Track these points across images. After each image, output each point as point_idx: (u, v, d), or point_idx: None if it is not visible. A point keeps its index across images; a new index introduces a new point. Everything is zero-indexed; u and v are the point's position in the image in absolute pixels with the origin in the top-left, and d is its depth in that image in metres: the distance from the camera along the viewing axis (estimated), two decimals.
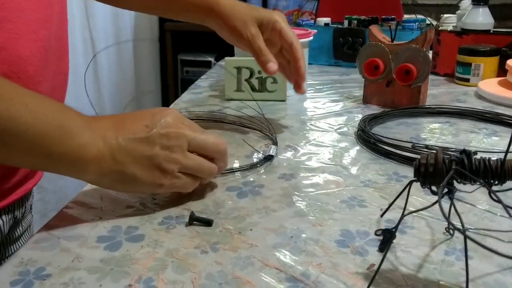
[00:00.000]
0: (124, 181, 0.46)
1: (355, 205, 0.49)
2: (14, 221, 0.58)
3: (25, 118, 0.40)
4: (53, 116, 0.42)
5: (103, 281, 0.37)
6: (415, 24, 1.13)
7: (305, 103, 0.91)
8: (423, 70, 0.79)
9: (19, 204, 0.58)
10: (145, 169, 0.45)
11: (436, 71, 1.11)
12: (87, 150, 0.43)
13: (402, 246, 0.42)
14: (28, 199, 0.62)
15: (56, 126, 0.42)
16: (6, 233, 0.57)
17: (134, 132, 0.45)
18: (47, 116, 0.41)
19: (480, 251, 0.40)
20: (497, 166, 0.35)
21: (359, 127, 0.71)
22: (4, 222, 0.55)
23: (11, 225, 0.58)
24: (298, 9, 2.78)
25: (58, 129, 0.42)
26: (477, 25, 1.06)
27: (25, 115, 0.40)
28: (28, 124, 0.40)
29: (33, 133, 0.40)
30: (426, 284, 0.37)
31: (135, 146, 0.45)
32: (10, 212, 0.56)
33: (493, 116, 0.76)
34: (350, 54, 1.18)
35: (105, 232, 0.44)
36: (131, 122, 0.46)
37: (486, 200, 0.48)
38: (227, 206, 0.49)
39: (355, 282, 0.37)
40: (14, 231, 0.60)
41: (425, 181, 0.36)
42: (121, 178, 0.46)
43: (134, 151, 0.45)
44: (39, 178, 0.61)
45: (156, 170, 0.46)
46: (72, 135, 0.43)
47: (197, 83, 1.08)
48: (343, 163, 0.61)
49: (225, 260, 0.40)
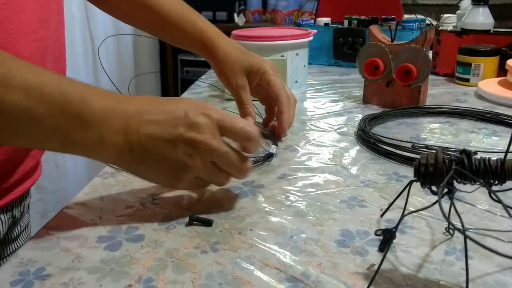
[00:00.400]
0: (139, 174, 0.46)
1: (355, 205, 0.49)
2: (13, 220, 0.58)
3: (40, 109, 0.39)
4: (70, 105, 0.40)
5: (103, 281, 0.37)
6: (415, 24, 1.13)
7: (305, 103, 0.91)
8: (423, 70, 0.79)
9: (17, 203, 0.58)
10: (161, 171, 0.45)
11: (436, 71, 1.11)
12: (105, 143, 0.42)
13: (402, 246, 0.42)
14: (26, 198, 0.62)
15: (73, 116, 0.40)
16: (5, 233, 0.57)
17: (159, 130, 0.43)
18: (63, 106, 0.40)
19: (480, 251, 0.40)
20: (497, 166, 0.35)
21: (359, 127, 0.71)
22: (3, 221, 0.55)
23: (10, 224, 0.58)
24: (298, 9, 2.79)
25: (74, 119, 0.40)
26: (477, 25, 1.05)
27: (39, 106, 0.39)
28: (41, 115, 0.39)
29: (49, 123, 0.39)
30: (426, 284, 0.37)
31: (156, 146, 0.43)
32: (8, 211, 0.56)
33: (493, 116, 0.76)
34: (350, 54, 1.18)
35: (105, 232, 0.44)
36: (159, 115, 0.43)
37: (486, 200, 0.48)
38: (227, 206, 0.49)
39: (355, 282, 0.37)
40: (12, 230, 0.60)
41: (425, 181, 0.36)
42: (136, 172, 0.46)
43: (155, 150, 0.43)
44: (37, 177, 0.61)
45: (171, 174, 0.45)
46: (89, 127, 0.41)
47: (197, 83, 1.08)
48: (343, 163, 0.61)
49: (225, 260, 0.40)
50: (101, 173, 0.58)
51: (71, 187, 1.66)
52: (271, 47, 0.90)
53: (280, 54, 0.90)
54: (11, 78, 0.37)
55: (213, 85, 1.03)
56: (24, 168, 0.55)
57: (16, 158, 0.53)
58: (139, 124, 0.43)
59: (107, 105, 0.42)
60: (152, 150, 0.43)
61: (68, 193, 1.63)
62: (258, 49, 0.90)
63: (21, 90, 0.38)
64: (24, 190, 0.57)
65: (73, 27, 1.81)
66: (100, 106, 0.41)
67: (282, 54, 0.90)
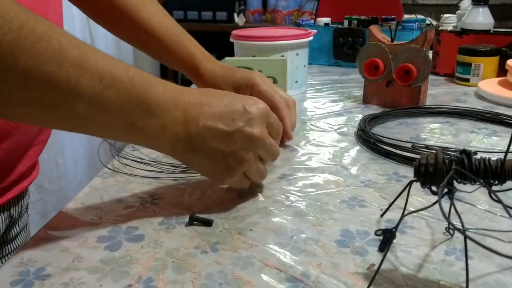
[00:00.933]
0: (193, 164, 0.47)
1: (355, 205, 0.49)
2: (11, 220, 0.58)
3: (110, 93, 0.39)
4: (136, 91, 0.41)
5: (103, 281, 0.37)
6: (415, 24, 1.13)
7: (305, 103, 0.91)
8: (423, 70, 0.79)
9: (14, 202, 0.58)
10: (216, 162, 0.46)
11: (436, 71, 1.11)
12: (165, 131, 0.43)
13: (402, 246, 0.42)
14: (23, 198, 0.62)
15: (139, 102, 0.41)
16: (3, 233, 0.57)
17: (219, 122, 0.44)
18: (131, 92, 0.40)
19: (480, 251, 0.40)
20: (497, 166, 0.35)
21: (359, 127, 0.71)
22: (0, 221, 0.55)
23: (8, 224, 0.58)
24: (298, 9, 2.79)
25: (140, 106, 0.41)
26: (477, 25, 1.05)
27: (110, 90, 0.39)
28: (110, 100, 0.39)
29: (116, 108, 0.40)
30: (426, 284, 0.37)
31: (215, 137, 0.44)
32: (6, 211, 0.56)
33: (493, 116, 0.76)
34: (350, 54, 1.18)
35: (105, 232, 0.44)
36: (218, 107, 0.45)
37: (486, 200, 0.48)
38: (227, 206, 0.49)
39: (355, 282, 0.37)
40: (10, 230, 0.60)
41: (425, 181, 0.36)
42: (191, 162, 0.47)
43: (213, 141, 0.44)
44: (35, 176, 0.61)
45: (226, 166, 0.46)
46: (153, 114, 0.42)
47: None
48: (343, 163, 0.61)
49: (225, 260, 0.40)
50: (101, 173, 0.58)
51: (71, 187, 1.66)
52: (271, 47, 0.90)
53: (280, 54, 0.90)
54: (87, 60, 0.38)
55: None
56: (21, 168, 0.55)
57: (12, 158, 0.53)
58: (198, 115, 0.44)
59: (169, 95, 0.43)
60: (210, 142, 0.44)
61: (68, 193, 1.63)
62: (258, 49, 0.90)
63: (96, 74, 0.38)
64: (21, 190, 0.57)
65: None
66: (163, 96, 0.43)
67: (282, 54, 0.90)
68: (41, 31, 0.35)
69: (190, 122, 0.44)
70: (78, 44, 0.38)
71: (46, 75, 0.35)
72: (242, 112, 0.45)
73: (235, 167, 0.46)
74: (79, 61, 0.37)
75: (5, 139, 0.49)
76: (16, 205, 0.59)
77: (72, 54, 0.37)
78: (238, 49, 0.95)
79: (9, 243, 0.60)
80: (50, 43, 0.35)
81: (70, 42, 0.37)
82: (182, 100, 0.44)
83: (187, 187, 0.54)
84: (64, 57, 0.36)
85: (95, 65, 0.38)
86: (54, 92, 0.36)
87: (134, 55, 2.39)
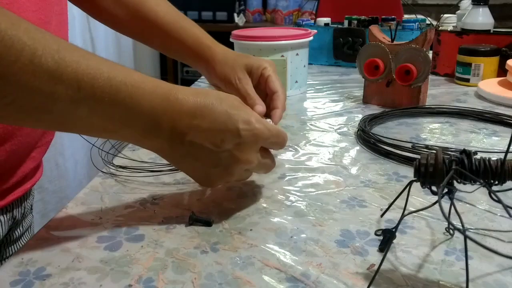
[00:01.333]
0: (178, 167, 0.48)
1: (355, 205, 0.49)
2: (14, 221, 0.58)
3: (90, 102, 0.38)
4: (120, 101, 0.40)
5: (103, 281, 0.37)
6: (415, 24, 1.13)
7: (305, 103, 0.91)
8: (423, 70, 0.79)
9: (17, 204, 0.58)
10: (196, 173, 0.46)
11: (436, 71, 1.11)
12: (149, 137, 0.43)
13: (402, 246, 0.42)
14: (27, 199, 0.62)
15: (122, 111, 0.40)
16: (5, 234, 0.57)
17: (207, 139, 0.43)
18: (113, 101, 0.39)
19: (480, 251, 0.40)
20: (497, 166, 0.35)
21: (359, 127, 0.71)
22: (3, 222, 0.55)
23: (11, 225, 0.58)
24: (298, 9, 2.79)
25: (123, 115, 0.40)
26: (477, 25, 1.05)
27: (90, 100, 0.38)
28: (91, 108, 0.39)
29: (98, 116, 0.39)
30: (426, 284, 0.37)
31: (198, 153, 0.44)
32: (8, 212, 0.56)
33: (493, 116, 0.76)
34: (350, 54, 1.18)
35: (105, 232, 0.44)
36: (210, 124, 0.43)
37: (486, 200, 0.48)
38: (227, 206, 0.49)
39: (355, 282, 0.37)
40: (14, 231, 0.60)
41: (425, 181, 0.36)
42: (175, 165, 0.47)
43: (195, 156, 0.44)
44: (38, 178, 0.61)
45: (205, 179, 0.47)
46: (136, 123, 0.41)
47: (197, 83, 1.08)
48: (343, 163, 0.61)
49: (225, 260, 0.40)
50: (101, 173, 0.58)
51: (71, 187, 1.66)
52: (271, 47, 0.90)
53: (280, 54, 0.90)
54: (65, 68, 0.36)
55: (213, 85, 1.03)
56: (25, 169, 0.55)
57: (15, 159, 0.53)
58: (187, 129, 0.43)
59: (156, 106, 0.42)
60: (194, 156, 0.44)
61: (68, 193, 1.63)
62: (258, 49, 0.90)
63: (73, 83, 0.37)
64: (24, 191, 0.57)
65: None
66: (148, 106, 0.41)
67: (282, 54, 0.90)
68: (12, 38, 0.34)
69: (176, 135, 0.43)
70: (58, 50, 0.36)
71: (18, 84, 0.34)
72: (233, 135, 0.43)
73: (216, 181, 0.47)
74: (54, 69, 0.36)
75: (7, 141, 0.49)
76: (19, 207, 0.59)
77: (47, 63, 0.35)
78: (238, 49, 0.95)
79: (13, 244, 0.60)
80: (22, 52, 0.34)
81: (48, 48, 0.36)
82: (172, 110, 0.42)
83: (187, 187, 0.54)
84: (37, 67, 0.35)
85: (73, 74, 0.37)
86: (28, 99, 0.36)
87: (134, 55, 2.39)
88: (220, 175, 0.46)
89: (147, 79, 0.42)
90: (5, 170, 0.52)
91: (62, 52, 0.37)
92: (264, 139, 0.46)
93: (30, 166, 0.56)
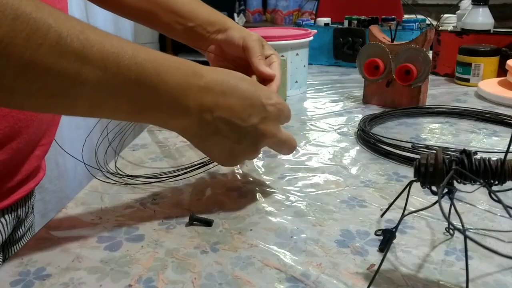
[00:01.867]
0: (201, 148, 0.47)
1: (355, 205, 0.49)
2: (18, 220, 0.58)
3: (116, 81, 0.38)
4: (145, 79, 0.40)
5: (103, 281, 0.37)
6: (415, 24, 1.13)
7: (305, 103, 0.91)
8: (423, 70, 0.79)
9: (22, 203, 0.58)
10: (221, 150, 0.46)
11: (436, 71, 1.11)
12: (176, 116, 0.42)
13: (402, 246, 0.42)
14: (30, 198, 0.62)
15: (148, 90, 0.40)
16: (10, 233, 0.57)
17: (234, 115, 0.44)
18: (138, 79, 0.39)
19: (480, 251, 0.40)
20: (497, 166, 0.35)
21: (359, 127, 0.71)
22: (8, 221, 0.55)
23: (15, 225, 0.58)
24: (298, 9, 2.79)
25: (149, 93, 0.40)
26: (477, 25, 1.05)
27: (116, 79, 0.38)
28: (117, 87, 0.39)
29: (124, 95, 0.39)
30: (426, 284, 0.37)
31: (227, 129, 0.44)
32: (13, 212, 0.56)
33: (493, 116, 0.76)
34: (350, 54, 1.18)
35: (105, 232, 0.44)
36: (235, 99, 0.44)
37: (486, 200, 0.48)
38: (227, 206, 0.49)
39: (355, 282, 0.37)
40: (17, 231, 0.60)
41: (425, 181, 0.36)
42: (199, 145, 0.46)
43: (224, 133, 0.44)
44: (41, 177, 0.61)
45: (229, 156, 0.47)
46: (163, 101, 0.41)
47: None
48: (343, 163, 0.61)
49: (225, 260, 0.40)
50: (101, 174, 0.58)
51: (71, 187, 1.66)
52: None
53: (280, 54, 0.90)
54: (90, 48, 0.36)
55: None
56: (29, 167, 0.55)
57: (21, 157, 0.53)
58: (214, 105, 0.43)
59: (182, 82, 0.42)
60: (222, 132, 0.44)
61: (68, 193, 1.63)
62: None
63: (100, 63, 0.37)
64: (28, 191, 0.57)
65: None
66: (174, 83, 0.41)
67: (282, 54, 0.90)
68: (38, 21, 0.33)
69: (204, 111, 0.43)
70: (82, 30, 0.36)
71: (45, 67, 0.34)
72: (259, 109, 0.45)
73: (240, 158, 0.47)
74: (80, 50, 0.36)
75: (15, 139, 0.49)
76: (24, 206, 0.59)
77: (73, 44, 0.35)
78: None
79: (15, 244, 0.60)
80: (48, 34, 0.34)
81: (72, 29, 0.35)
82: (197, 86, 0.42)
83: (187, 187, 0.54)
84: (64, 48, 0.35)
85: (99, 54, 0.37)
86: (56, 83, 0.35)
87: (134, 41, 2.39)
88: (245, 152, 0.47)
89: (169, 57, 0.42)
90: (10, 167, 0.52)
91: (86, 32, 0.36)
92: (286, 113, 0.48)
93: (34, 164, 0.56)
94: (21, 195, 0.56)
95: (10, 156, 0.50)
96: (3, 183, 0.52)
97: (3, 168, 0.51)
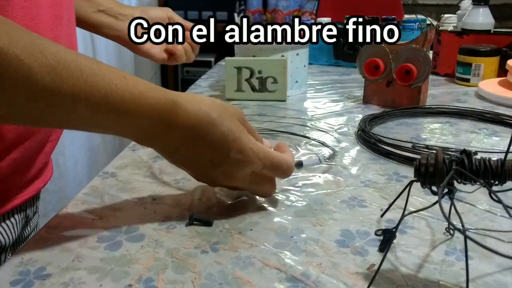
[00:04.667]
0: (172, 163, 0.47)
1: (355, 205, 0.49)
2: (26, 220, 0.58)
3: None
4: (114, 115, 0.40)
5: (103, 281, 0.37)
6: (415, 24, 1.13)
7: (305, 103, 0.91)
8: (423, 70, 0.79)
9: (30, 203, 0.58)
10: (195, 175, 0.48)
11: (436, 71, 1.11)
12: (142, 144, 0.44)
13: (402, 246, 0.42)
14: (38, 198, 0.62)
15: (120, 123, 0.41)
16: (19, 233, 0.57)
17: (195, 155, 0.44)
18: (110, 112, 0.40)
19: (480, 251, 0.40)
20: (497, 166, 0.35)
21: (359, 127, 0.71)
22: (17, 221, 0.55)
23: (23, 224, 0.58)
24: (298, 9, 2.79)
25: (122, 124, 0.41)
26: (477, 25, 1.05)
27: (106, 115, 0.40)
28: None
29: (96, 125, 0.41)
30: (426, 284, 0.37)
31: (190, 164, 0.46)
32: (22, 211, 0.56)
33: (493, 116, 0.76)
34: (350, 54, 1.18)
35: (105, 232, 0.44)
36: (202, 142, 0.43)
37: (486, 200, 0.48)
38: (227, 206, 0.49)
39: (355, 282, 0.37)
40: (23, 231, 0.60)
41: (425, 181, 0.36)
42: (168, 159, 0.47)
43: (188, 165, 0.46)
44: (49, 177, 0.61)
45: (208, 180, 0.48)
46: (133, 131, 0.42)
47: (197, 83, 1.08)
48: (343, 163, 0.61)
49: (225, 260, 0.40)
50: (101, 173, 0.58)
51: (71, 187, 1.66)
52: (271, 47, 0.90)
53: (281, 54, 0.90)
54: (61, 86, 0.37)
55: (213, 85, 1.03)
56: (38, 164, 0.55)
57: (31, 155, 0.53)
58: (180, 143, 0.43)
59: (155, 123, 0.42)
60: (186, 164, 0.46)
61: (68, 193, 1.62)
62: (258, 49, 0.90)
63: (69, 101, 0.37)
64: (37, 191, 0.58)
65: None
66: (147, 122, 0.42)
67: (282, 54, 0.90)
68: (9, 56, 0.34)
69: (168, 147, 0.44)
70: (55, 66, 0.36)
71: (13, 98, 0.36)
72: (222, 160, 0.44)
73: (216, 183, 0.48)
74: (50, 87, 0.36)
75: (29, 138, 0.50)
76: (32, 206, 0.59)
77: (43, 80, 0.36)
78: (238, 49, 0.95)
79: (21, 244, 0.60)
80: (18, 69, 0.34)
81: (45, 65, 0.36)
82: (169, 125, 0.42)
83: (187, 187, 0.54)
84: (33, 84, 0.35)
85: (70, 91, 0.37)
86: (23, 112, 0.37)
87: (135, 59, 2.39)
88: (219, 180, 0.47)
89: (147, 94, 0.41)
90: (21, 165, 0.52)
91: (60, 68, 0.36)
92: (255, 169, 0.46)
93: (42, 161, 0.56)
94: (30, 195, 0.56)
95: (22, 155, 0.50)
96: (14, 181, 0.52)
97: (15, 166, 0.51)
